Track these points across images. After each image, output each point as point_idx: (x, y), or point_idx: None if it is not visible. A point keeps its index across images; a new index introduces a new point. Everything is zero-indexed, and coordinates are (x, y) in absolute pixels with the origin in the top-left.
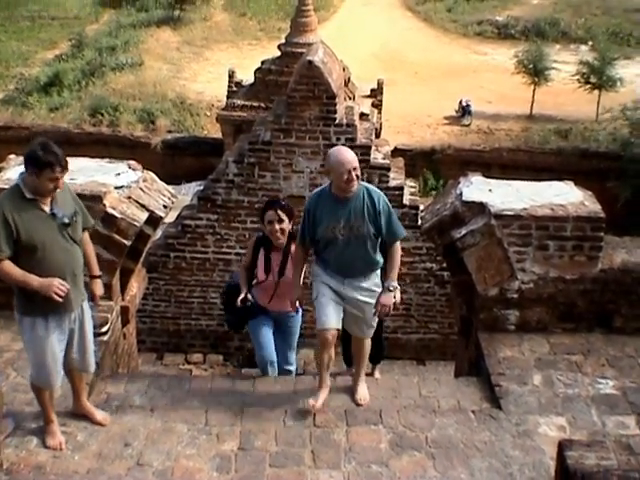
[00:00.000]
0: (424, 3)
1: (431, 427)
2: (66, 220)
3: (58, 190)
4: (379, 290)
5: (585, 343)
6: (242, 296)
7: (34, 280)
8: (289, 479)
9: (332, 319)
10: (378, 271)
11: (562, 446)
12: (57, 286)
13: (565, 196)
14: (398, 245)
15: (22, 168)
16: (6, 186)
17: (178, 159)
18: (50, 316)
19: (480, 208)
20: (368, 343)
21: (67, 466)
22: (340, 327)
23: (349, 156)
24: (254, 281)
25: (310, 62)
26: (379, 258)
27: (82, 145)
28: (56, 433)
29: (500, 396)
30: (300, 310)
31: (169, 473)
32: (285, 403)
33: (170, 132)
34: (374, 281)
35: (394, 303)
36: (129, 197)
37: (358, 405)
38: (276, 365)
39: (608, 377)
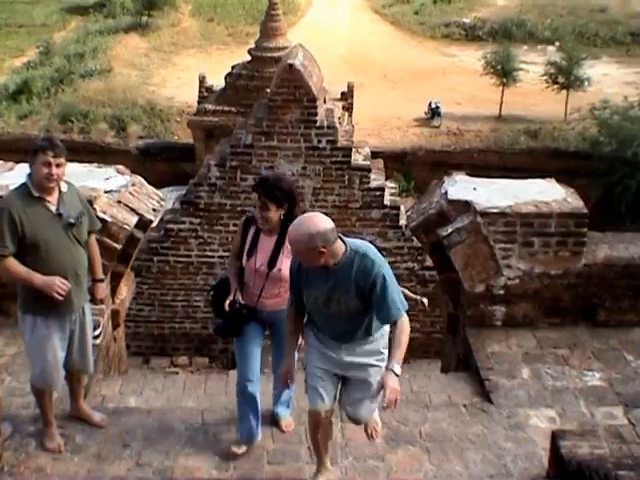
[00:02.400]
0: (391, 6)
1: (424, 421)
2: (72, 220)
3: (64, 190)
4: (386, 353)
5: (571, 337)
6: (231, 297)
7: (36, 277)
8: (288, 476)
9: (325, 397)
10: (385, 329)
11: (555, 436)
12: (59, 285)
13: (548, 193)
14: (401, 322)
15: (12, 174)
16: None
17: (150, 165)
18: (51, 315)
19: (465, 206)
20: (371, 425)
21: (67, 468)
22: (333, 404)
23: (291, 238)
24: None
25: (291, 65)
26: (377, 326)
27: None
28: (55, 435)
29: (490, 390)
30: None
31: (169, 472)
32: None
33: (141, 138)
34: (380, 343)
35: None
36: (119, 201)
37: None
38: (259, 391)
39: (594, 369)
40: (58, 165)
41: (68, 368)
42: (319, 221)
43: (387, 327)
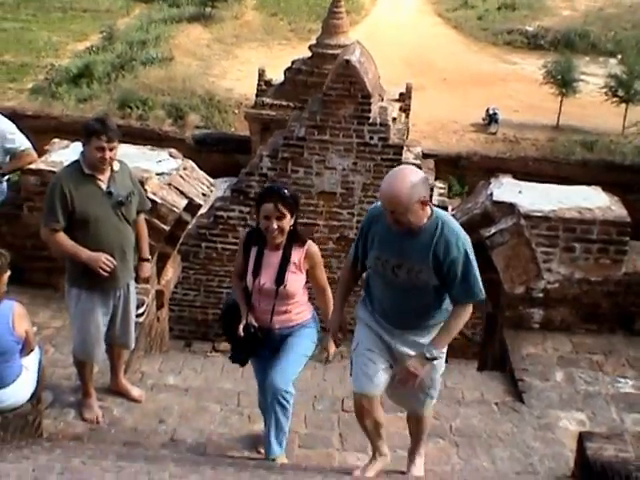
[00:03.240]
0: (455, 10)
1: (455, 417)
2: (121, 199)
3: (116, 169)
4: (444, 351)
5: (607, 344)
6: (243, 322)
7: (83, 252)
8: (318, 460)
9: (372, 381)
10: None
11: (582, 438)
12: (104, 261)
13: (592, 200)
14: (466, 306)
15: (67, 151)
16: (51, 168)
17: (205, 155)
18: (96, 290)
19: (510, 208)
20: (426, 421)
21: (104, 438)
22: (381, 392)
23: (390, 192)
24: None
25: (347, 61)
26: (446, 306)
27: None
28: (93, 407)
29: (523, 390)
30: (316, 321)
31: (202, 449)
32: (314, 388)
33: (198, 128)
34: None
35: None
36: (169, 184)
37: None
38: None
39: (628, 377)
40: (111, 149)
41: (110, 342)
42: (413, 171)
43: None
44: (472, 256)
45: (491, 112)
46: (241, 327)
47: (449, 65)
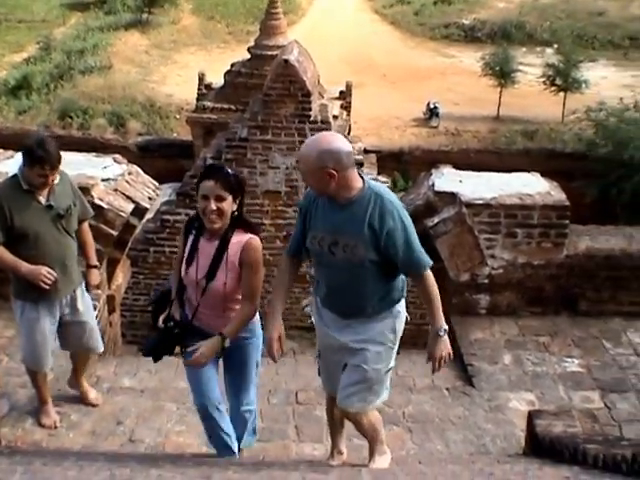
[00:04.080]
0: (391, 6)
1: (408, 403)
2: (61, 212)
3: (56, 182)
4: (393, 337)
5: (552, 325)
6: (163, 315)
7: (23, 266)
8: (275, 452)
9: (334, 385)
10: (397, 307)
11: (532, 416)
12: (44, 274)
13: (532, 186)
14: (425, 275)
15: (11, 162)
16: None
17: (149, 161)
18: (40, 301)
19: (451, 198)
20: (368, 420)
21: (63, 443)
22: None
23: (299, 153)
24: None
25: (286, 61)
26: (396, 290)
27: None
28: (50, 413)
29: (472, 374)
30: (258, 330)
31: (160, 448)
32: (269, 383)
33: (140, 135)
34: (389, 322)
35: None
36: (115, 189)
37: None
38: (224, 409)
39: (574, 356)
40: (53, 173)
41: (74, 349)
42: (334, 139)
43: (403, 304)
44: (412, 226)
45: (432, 106)
46: (161, 317)
47: (388, 61)
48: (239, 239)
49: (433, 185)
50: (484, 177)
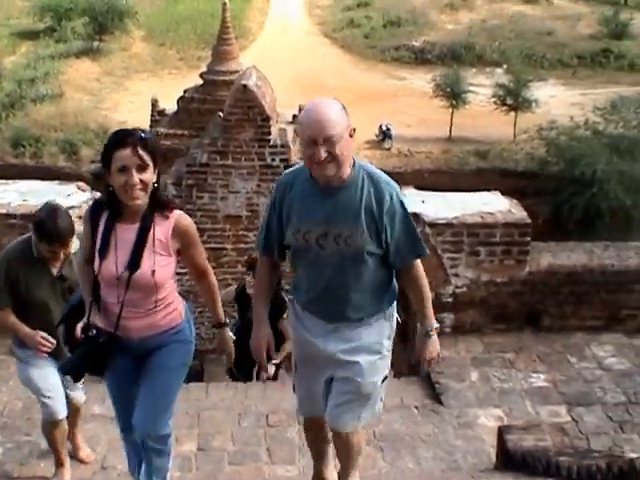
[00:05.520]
0: (342, 30)
1: (378, 423)
2: (73, 285)
3: (73, 251)
4: (387, 343)
5: (517, 341)
6: (81, 324)
7: (21, 330)
8: (248, 475)
9: (314, 405)
10: (390, 310)
11: (502, 431)
12: (41, 342)
13: (493, 204)
14: (418, 265)
15: None
16: None
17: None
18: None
19: (414, 218)
20: (357, 440)
21: (35, 472)
22: (323, 412)
23: (320, 113)
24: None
25: (244, 86)
26: (391, 289)
27: (5, 178)
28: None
29: (440, 392)
30: (190, 325)
31: None
32: (238, 406)
33: (93, 162)
34: (385, 328)
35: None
36: (80, 216)
37: None
38: (138, 433)
39: (540, 371)
40: (66, 248)
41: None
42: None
43: (395, 306)
44: (408, 209)
45: (384, 128)
46: (79, 326)
47: (340, 84)
48: (164, 215)
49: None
50: (446, 197)
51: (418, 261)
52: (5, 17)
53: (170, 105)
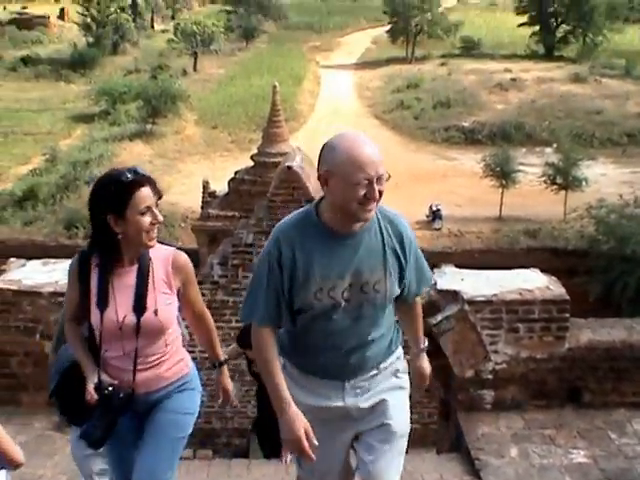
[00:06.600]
0: (392, 111)
1: None
2: None
3: None
4: (405, 378)
5: (557, 418)
6: (95, 380)
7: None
8: None
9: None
10: (401, 349)
11: None
12: None
13: (532, 281)
14: (418, 298)
15: (24, 270)
16: (9, 286)
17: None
18: None
19: (453, 295)
20: None
21: None
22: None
23: (371, 153)
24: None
25: (289, 167)
26: (397, 327)
27: (58, 258)
28: None
29: (479, 468)
30: (196, 376)
31: None
32: None
33: None
34: (396, 366)
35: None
36: None
37: None
38: None
39: (580, 447)
40: None
41: None
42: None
43: (400, 348)
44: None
45: (434, 208)
46: (91, 387)
47: (390, 165)
48: (159, 253)
49: (435, 284)
50: (484, 274)
51: (419, 297)
52: (61, 101)
53: (221, 187)
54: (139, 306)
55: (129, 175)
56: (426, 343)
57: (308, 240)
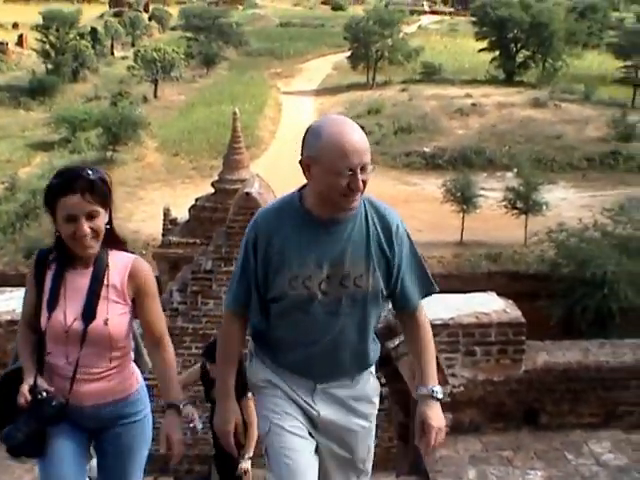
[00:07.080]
0: None
1: None
2: None
3: None
4: (377, 401)
5: (515, 439)
6: (27, 385)
7: None
8: None
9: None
10: (373, 367)
11: None
12: None
13: (488, 305)
14: (422, 308)
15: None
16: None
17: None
18: None
19: None
20: None
21: None
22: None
23: (357, 140)
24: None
25: (247, 194)
26: (377, 343)
27: (17, 286)
28: None
29: None
30: (146, 400)
31: None
32: None
33: None
34: (368, 385)
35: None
36: None
37: None
38: None
39: (537, 468)
40: None
41: None
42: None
43: (373, 367)
44: (414, 242)
45: None
46: (25, 388)
47: None
48: (118, 259)
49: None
50: (442, 298)
51: (422, 303)
52: (21, 129)
53: (182, 214)
54: (88, 313)
55: (64, 176)
56: (438, 390)
57: (287, 225)
